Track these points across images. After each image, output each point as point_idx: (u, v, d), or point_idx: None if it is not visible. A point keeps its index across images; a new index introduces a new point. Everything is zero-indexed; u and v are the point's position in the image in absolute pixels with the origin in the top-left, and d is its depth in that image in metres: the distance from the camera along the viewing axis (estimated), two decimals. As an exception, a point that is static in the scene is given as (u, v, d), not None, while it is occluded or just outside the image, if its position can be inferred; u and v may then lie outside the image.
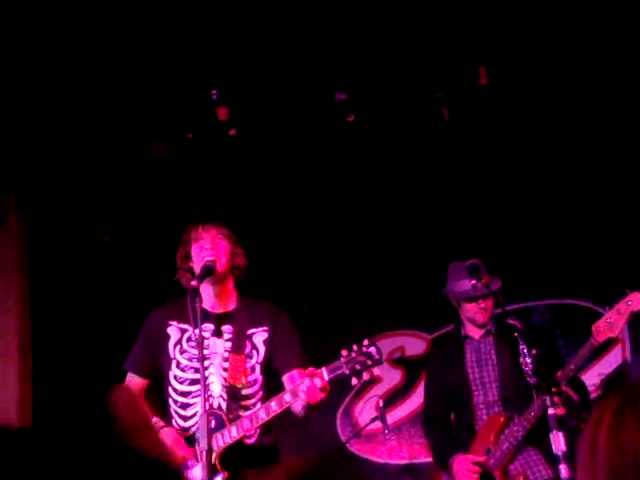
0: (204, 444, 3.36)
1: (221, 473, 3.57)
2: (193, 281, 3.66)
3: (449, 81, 5.49)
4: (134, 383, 3.97)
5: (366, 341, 3.42)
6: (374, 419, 6.15)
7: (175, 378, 3.84)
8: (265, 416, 3.59)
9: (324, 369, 3.46)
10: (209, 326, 3.84)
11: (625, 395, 1.50)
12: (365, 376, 3.40)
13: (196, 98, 5.57)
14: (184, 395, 3.79)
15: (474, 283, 4.07)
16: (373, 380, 6.28)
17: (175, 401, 3.83)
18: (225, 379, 3.76)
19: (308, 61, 5.34)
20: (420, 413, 5.17)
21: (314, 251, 6.57)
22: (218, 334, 3.85)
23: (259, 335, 3.87)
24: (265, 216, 6.42)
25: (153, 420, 3.77)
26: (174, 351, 3.88)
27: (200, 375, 3.52)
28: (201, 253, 3.80)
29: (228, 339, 3.84)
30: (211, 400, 3.72)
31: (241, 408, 3.73)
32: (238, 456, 3.65)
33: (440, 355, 4.65)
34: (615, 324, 3.89)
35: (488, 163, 6.17)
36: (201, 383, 3.49)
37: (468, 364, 4.39)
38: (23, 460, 1.55)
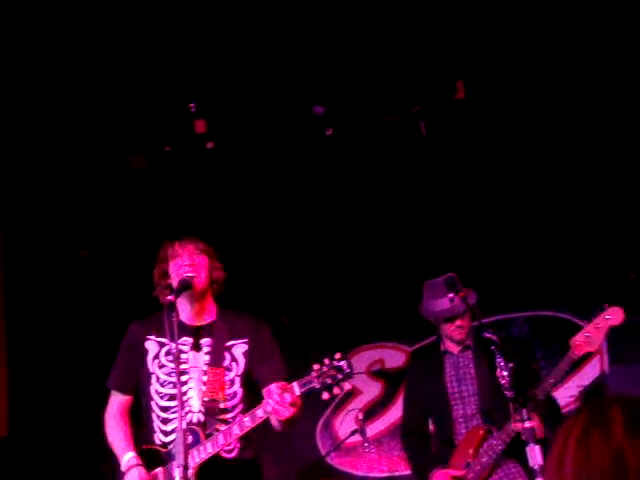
0: (180, 460, 3.33)
1: None
2: (170, 296, 3.64)
3: (427, 95, 5.52)
4: (118, 401, 3.94)
5: (338, 355, 3.38)
6: (354, 432, 6.13)
7: (156, 392, 3.82)
8: (239, 431, 3.55)
9: (295, 384, 3.43)
10: (188, 340, 3.81)
11: (594, 411, 1.50)
12: (336, 390, 3.37)
13: (174, 111, 5.57)
14: (164, 410, 3.76)
15: (451, 296, 4.08)
16: (349, 393, 6.28)
17: (157, 416, 3.80)
18: (204, 393, 3.74)
19: (286, 75, 5.35)
20: (399, 426, 5.17)
21: (293, 264, 6.57)
22: (197, 348, 3.81)
23: (239, 347, 3.83)
24: (244, 229, 6.41)
25: (127, 456, 3.73)
26: (153, 365, 3.84)
27: (177, 390, 3.49)
28: (179, 270, 3.77)
29: (207, 352, 3.80)
30: (190, 415, 3.68)
31: (220, 422, 3.70)
32: (217, 471, 3.61)
33: (419, 368, 4.65)
34: (594, 338, 3.90)
35: (465, 177, 6.21)
36: (178, 399, 3.46)
37: (447, 378, 4.39)
38: None
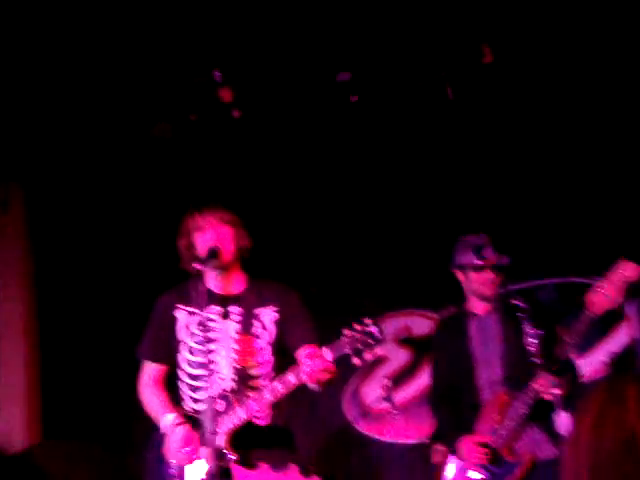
0: (211, 427, 3.36)
1: (231, 455, 3.58)
2: (198, 265, 3.65)
3: (453, 59, 5.45)
4: (151, 371, 3.98)
5: (368, 320, 3.39)
6: (381, 399, 6.15)
7: (185, 361, 3.84)
8: (271, 397, 3.57)
9: (325, 349, 3.44)
10: (217, 308, 3.83)
11: (611, 389, 1.47)
12: (367, 356, 3.37)
13: (200, 79, 5.55)
14: (194, 378, 3.78)
15: (485, 250, 4.08)
16: (377, 361, 6.29)
17: (186, 384, 3.82)
18: (235, 361, 3.75)
19: (311, 42, 5.30)
20: (427, 393, 5.16)
21: (320, 233, 6.55)
22: (226, 316, 3.83)
23: (268, 315, 3.84)
24: (269, 198, 6.40)
25: (169, 417, 3.77)
26: (182, 334, 3.87)
27: (205, 358, 3.51)
28: (205, 243, 3.78)
29: (237, 321, 3.82)
30: (221, 383, 3.71)
31: (251, 389, 3.72)
32: (248, 437, 3.64)
33: (445, 333, 4.61)
34: (609, 295, 3.73)
35: (493, 141, 6.14)
36: (206, 366, 3.48)
37: (473, 341, 4.35)
38: None
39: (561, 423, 3.53)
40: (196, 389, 3.77)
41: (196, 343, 3.80)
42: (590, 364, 5.66)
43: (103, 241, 6.56)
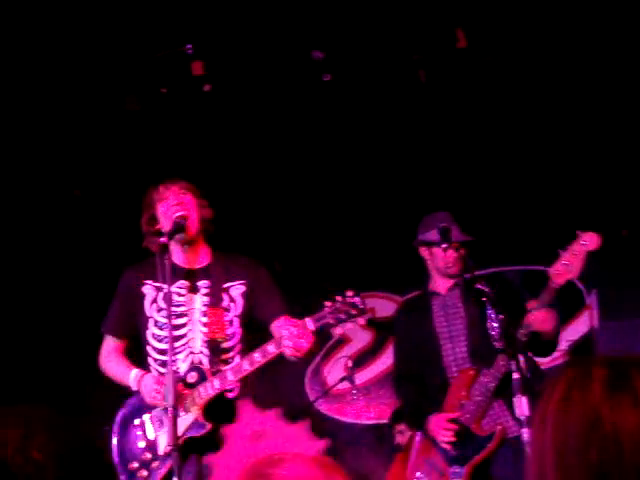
0: (170, 400, 3.36)
1: (205, 424, 3.61)
2: (163, 238, 3.63)
3: (427, 43, 5.45)
4: (112, 344, 3.99)
5: (350, 292, 3.41)
6: (343, 379, 6.19)
7: (153, 336, 3.83)
8: (249, 367, 3.59)
9: (308, 319, 3.45)
10: (184, 282, 3.83)
11: (577, 371, 1.47)
12: (349, 325, 3.40)
13: (171, 52, 5.50)
14: (163, 353, 3.77)
15: (450, 226, 4.09)
16: (339, 341, 6.31)
17: (155, 359, 3.82)
18: (205, 334, 3.76)
19: (285, 18, 5.27)
20: (388, 374, 5.19)
21: (286, 210, 6.55)
22: (194, 290, 3.83)
23: (236, 288, 3.85)
24: (237, 173, 6.38)
25: (134, 372, 3.81)
26: (151, 310, 3.86)
27: (167, 332, 3.51)
28: (168, 211, 3.76)
29: (205, 294, 3.82)
30: (192, 356, 3.73)
31: (221, 362, 3.74)
32: (220, 409, 3.65)
33: (407, 313, 4.60)
34: (572, 265, 3.76)
35: (463, 125, 6.16)
36: (169, 340, 3.48)
37: (435, 318, 4.34)
38: None
39: (521, 408, 3.56)
40: (164, 364, 3.77)
41: (164, 318, 3.79)
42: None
43: (66, 211, 6.52)
